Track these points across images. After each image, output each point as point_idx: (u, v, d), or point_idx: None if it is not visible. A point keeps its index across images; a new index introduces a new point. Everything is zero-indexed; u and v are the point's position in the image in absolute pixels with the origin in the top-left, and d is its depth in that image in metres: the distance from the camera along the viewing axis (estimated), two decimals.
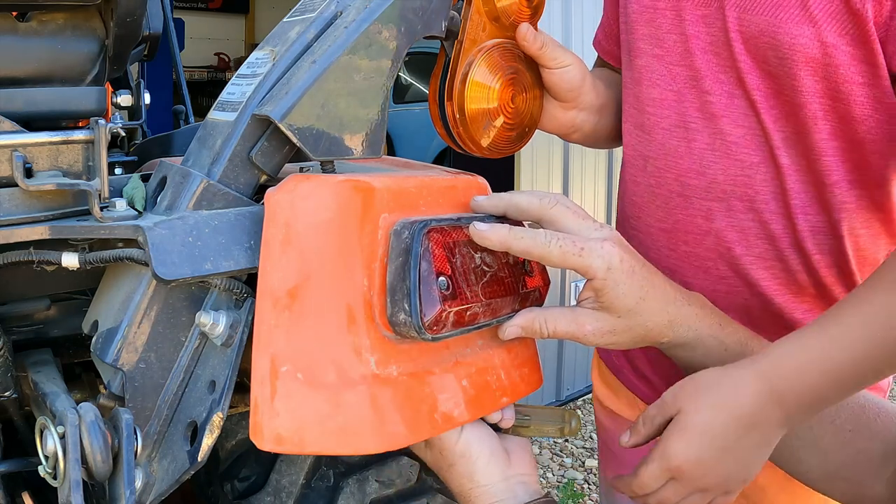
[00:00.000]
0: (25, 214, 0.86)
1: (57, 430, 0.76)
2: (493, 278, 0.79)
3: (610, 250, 0.77)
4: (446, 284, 0.74)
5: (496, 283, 0.79)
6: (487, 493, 0.81)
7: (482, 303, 0.77)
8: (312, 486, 1.23)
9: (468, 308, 0.76)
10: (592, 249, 0.77)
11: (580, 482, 3.27)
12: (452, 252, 0.76)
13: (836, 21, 0.84)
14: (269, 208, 0.75)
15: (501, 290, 0.80)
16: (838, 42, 0.84)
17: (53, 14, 1.01)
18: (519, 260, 0.84)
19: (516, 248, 0.78)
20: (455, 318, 0.75)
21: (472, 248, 0.78)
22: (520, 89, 0.97)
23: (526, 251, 0.78)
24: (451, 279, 0.74)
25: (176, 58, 2.30)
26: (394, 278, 0.74)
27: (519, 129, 0.99)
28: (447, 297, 0.73)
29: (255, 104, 0.82)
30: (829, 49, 0.84)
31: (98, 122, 0.88)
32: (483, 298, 0.77)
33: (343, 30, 0.81)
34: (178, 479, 0.81)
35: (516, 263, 0.83)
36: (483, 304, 0.77)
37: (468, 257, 0.77)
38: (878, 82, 0.85)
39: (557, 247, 0.77)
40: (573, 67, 1.00)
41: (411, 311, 0.72)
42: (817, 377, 0.77)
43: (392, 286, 0.74)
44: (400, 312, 0.73)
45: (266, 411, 0.71)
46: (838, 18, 0.83)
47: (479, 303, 0.77)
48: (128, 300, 0.83)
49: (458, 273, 0.76)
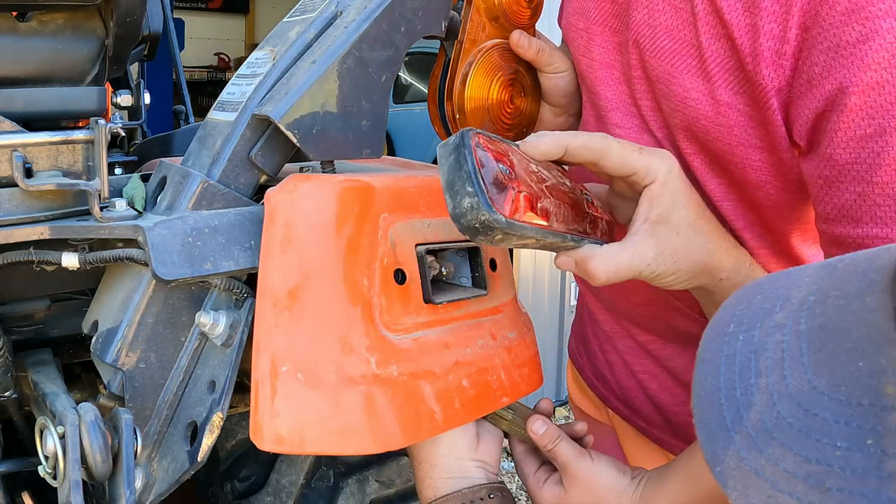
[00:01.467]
0: (25, 214, 0.86)
1: (57, 430, 0.76)
2: (557, 186, 0.71)
3: (669, 155, 0.73)
4: (508, 171, 0.64)
5: (561, 191, 0.71)
6: (444, 467, 0.83)
7: (551, 200, 0.68)
8: (312, 486, 1.23)
9: (538, 200, 0.66)
10: (652, 151, 0.73)
11: None
12: (506, 154, 0.66)
13: (731, 77, 0.76)
14: (269, 208, 0.75)
15: (568, 200, 0.71)
16: (733, 101, 0.76)
17: (53, 14, 1.01)
18: (578, 187, 0.76)
19: (574, 144, 0.71)
20: (526, 203, 0.64)
21: (520, 158, 0.69)
22: (519, 90, 0.97)
23: (584, 146, 0.71)
24: (511, 169, 0.65)
25: (176, 58, 2.30)
26: (449, 172, 0.63)
27: (518, 130, 0.99)
28: (512, 180, 0.64)
29: (255, 104, 0.82)
30: (723, 108, 0.77)
31: (98, 122, 0.88)
32: (551, 196, 0.68)
33: (343, 30, 0.81)
34: (178, 479, 0.81)
35: (575, 189, 0.75)
36: (553, 203, 0.68)
37: (525, 161, 0.69)
38: (776, 150, 0.76)
39: (617, 143, 0.72)
40: (568, 74, 0.97)
41: (477, 193, 0.61)
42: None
43: (449, 180, 0.63)
44: (464, 198, 0.61)
45: (266, 411, 0.71)
46: (735, 74, 0.75)
47: (547, 198, 0.67)
48: (128, 300, 0.83)
49: (517, 169, 0.66)
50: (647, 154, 0.72)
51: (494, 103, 0.95)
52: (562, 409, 3.85)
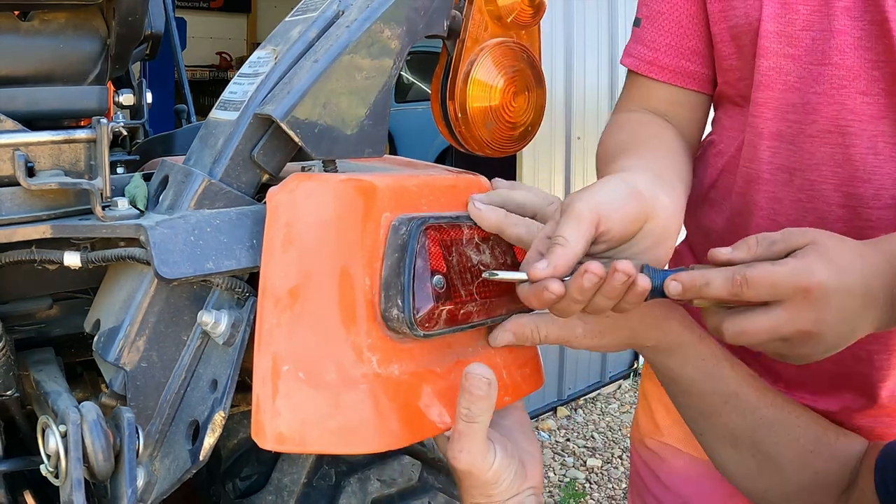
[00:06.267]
0: (27, 213, 0.86)
1: (59, 429, 0.76)
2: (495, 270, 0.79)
3: None
4: (441, 282, 0.74)
5: (492, 283, 0.79)
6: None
7: (477, 302, 0.77)
8: (314, 485, 1.23)
9: (462, 307, 0.76)
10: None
11: (581, 481, 3.27)
12: (449, 250, 0.76)
13: None
14: (271, 207, 0.75)
15: (497, 290, 0.80)
16: None
17: (55, 13, 1.01)
18: (517, 260, 0.84)
19: (509, 234, 0.78)
20: (448, 316, 0.75)
21: (469, 246, 0.78)
22: (522, 88, 0.97)
23: (518, 238, 0.78)
24: (446, 277, 0.75)
25: (178, 57, 2.31)
26: (389, 273, 0.74)
27: (521, 129, 0.99)
28: (441, 295, 0.74)
29: (256, 103, 0.82)
30: None
31: (100, 122, 0.88)
32: (478, 298, 0.78)
33: (345, 29, 0.81)
34: (179, 478, 0.81)
35: (514, 264, 0.83)
36: (478, 304, 0.78)
37: (465, 256, 0.78)
38: None
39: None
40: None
41: (404, 308, 0.72)
42: None
43: (387, 281, 0.74)
44: (393, 308, 0.73)
45: (268, 410, 0.71)
46: None
47: (473, 302, 0.77)
48: (130, 299, 0.83)
49: (454, 271, 0.76)
50: None
51: (497, 102, 0.94)
52: (563, 409, 3.85)
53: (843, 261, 0.68)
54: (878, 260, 0.71)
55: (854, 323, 0.70)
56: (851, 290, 0.68)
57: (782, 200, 0.95)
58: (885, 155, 0.87)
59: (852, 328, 0.70)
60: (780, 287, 0.67)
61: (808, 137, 0.91)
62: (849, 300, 0.68)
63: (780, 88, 0.93)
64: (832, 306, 0.67)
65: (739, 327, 0.69)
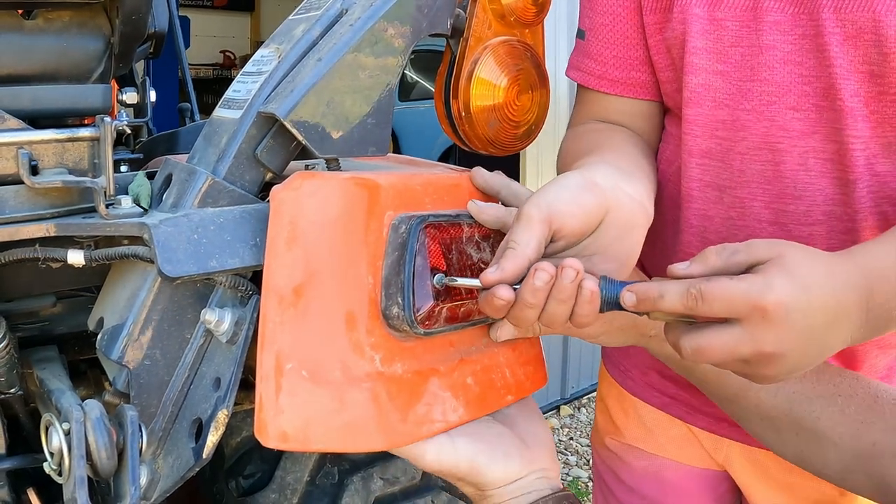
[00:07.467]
0: (31, 211, 0.86)
1: (62, 427, 0.76)
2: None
3: None
4: (441, 282, 0.74)
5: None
6: (499, 493, 0.77)
7: (477, 299, 0.77)
8: (317, 484, 1.23)
9: (462, 304, 0.76)
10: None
11: (585, 480, 3.27)
12: (449, 248, 0.76)
13: None
14: (275, 206, 0.75)
15: None
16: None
17: (59, 12, 1.02)
18: None
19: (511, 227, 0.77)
20: (448, 314, 0.75)
21: (469, 244, 0.78)
22: (525, 87, 0.97)
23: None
24: (446, 275, 0.75)
25: (181, 55, 2.31)
26: (389, 272, 0.74)
27: (524, 127, 0.99)
28: (441, 293, 0.74)
29: (260, 102, 0.82)
30: None
31: (104, 120, 0.88)
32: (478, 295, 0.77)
33: (348, 27, 0.81)
34: (182, 476, 0.81)
35: None
36: (478, 301, 0.77)
37: (465, 254, 0.78)
38: None
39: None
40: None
41: (404, 306, 0.73)
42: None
43: (387, 280, 0.74)
44: (393, 306, 0.73)
45: (271, 408, 0.71)
46: None
47: (473, 299, 0.77)
48: (133, 297, 0.83)
49: (454, 269, 0.76)
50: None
51: (501, 101, 0.94)
52: (566, 408, 3.85)
53: (810, 277, 0.64)
54: (852, 272, 0.68)
55: (822, 341, 0.66)
56: (817, 307, 0.64)
57: (712, 218, 0.94)
58: (816, 171, 0.86)
59: (820, 347, 0.66)
60: (735, 304, 0.62)
61: (737, 154, 0.90)
62: (814, 318, 0.64)
63: (710, 105, 0.91)
64: (794, 325, 0.63)
65: (696, 345, 0.65)
